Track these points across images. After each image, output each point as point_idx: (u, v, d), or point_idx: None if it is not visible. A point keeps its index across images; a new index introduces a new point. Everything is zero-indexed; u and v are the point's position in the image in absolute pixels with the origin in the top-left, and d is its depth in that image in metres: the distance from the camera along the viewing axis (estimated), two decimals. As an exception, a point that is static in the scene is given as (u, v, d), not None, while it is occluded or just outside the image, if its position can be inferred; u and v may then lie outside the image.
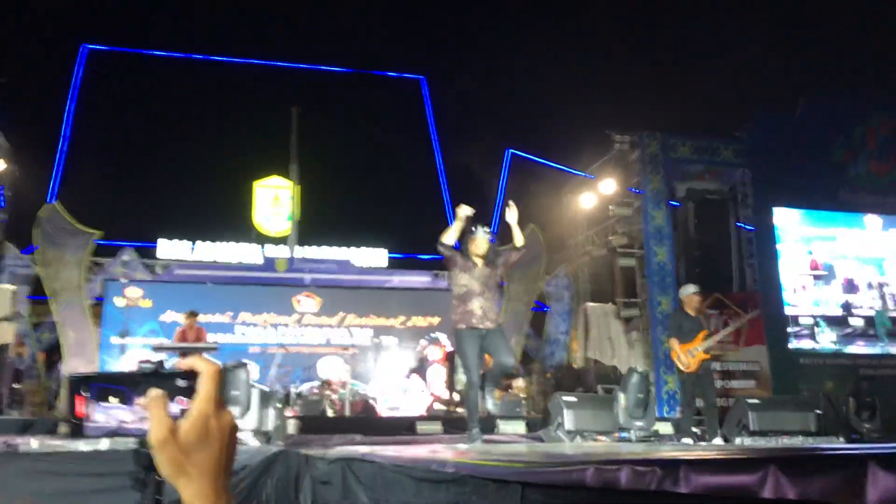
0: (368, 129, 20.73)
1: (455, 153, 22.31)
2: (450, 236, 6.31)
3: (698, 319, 8.36)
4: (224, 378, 0.94)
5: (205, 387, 0.92)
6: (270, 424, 6.08)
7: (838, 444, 6.98)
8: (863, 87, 14.34)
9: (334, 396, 11.95)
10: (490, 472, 1.65)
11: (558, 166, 19.66)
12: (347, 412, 11.73)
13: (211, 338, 13.06)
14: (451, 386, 13.57)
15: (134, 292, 13.77)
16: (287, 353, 12.74)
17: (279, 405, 6.22)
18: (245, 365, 6.02)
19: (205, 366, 0.94)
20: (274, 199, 19.02)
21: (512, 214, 6.56)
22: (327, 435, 9.48)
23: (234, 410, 5.75)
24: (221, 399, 0.93)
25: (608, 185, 14.51)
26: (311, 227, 17.84)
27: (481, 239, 6.48)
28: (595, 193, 15.05)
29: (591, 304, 14.52)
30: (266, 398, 6.09)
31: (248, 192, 19.55)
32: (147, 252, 15.78)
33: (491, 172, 21.76)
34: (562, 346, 15.22)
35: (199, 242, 16.33)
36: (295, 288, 14.58)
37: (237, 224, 18.57)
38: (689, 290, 8.56)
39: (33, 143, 17.70)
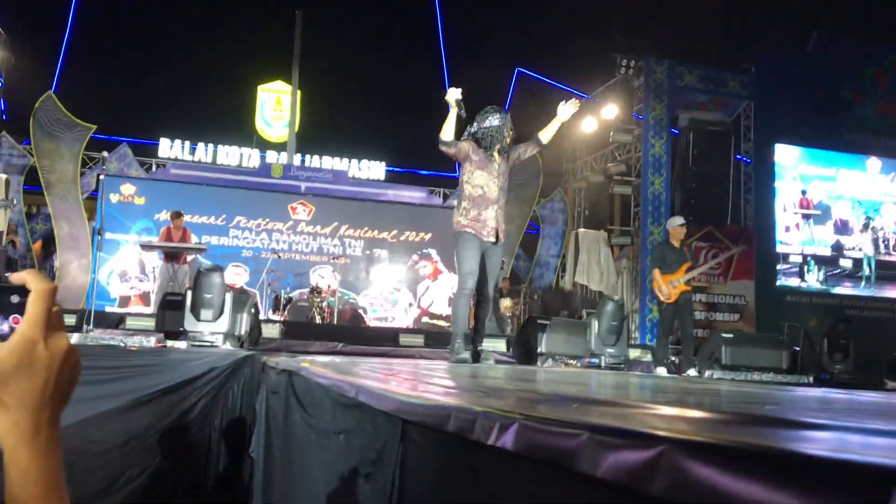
0: (375, 38, 20.30)
1: (462, 69, 21.90)
2: (447, 131, 5.50)
3: (682, 251, 8.39)
4: (53, 298, 0.85)
5: (31, 308, 0.80)
6: (243, 328, 6.17)
7: (805, 383, 7.09)
8: (877, 28, 13.93)
9: (323, 304, 12.09)
10: (380, 402, 1.68)
11: (564, 87, 19.34)
12: (335, 320, 11.91)
13: (204, 240, 13.17)
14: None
15: (128, 189, 13.77)
16: (279, 259, 12.84)
17: (254, 310, 6.29)
18: (220, 269, 6.07)
19: (36, 283, 0.82)
20: (276, 103, 18.84)
21: (569, 109, 5.80)
22: (310, 341, 9.70)
23: (207, 314, 5.84)
24: (57, 322, 0.82)
25: (611, 111, 14.33)
26: (311, 134, 17.71)
27: (503, 124, 5.59)
28: (597, 118, 14.86)
29: (584, 229, 14.52)
30: (240, 302, 6.17)
31: (251, 96, 19.35)
32: (145, 150, 15.72)
33: (497, 90, 21.43)
34: (551, 269, 15.32)
35: (199, 144, 16.24)
36: (290, 195, 14.57)
37: (238, 128, 18.46)
38: (676, 223, 8.56)
39: (35, 35, 17.43)
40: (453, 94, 5.50)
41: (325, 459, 2.40)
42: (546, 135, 5.79)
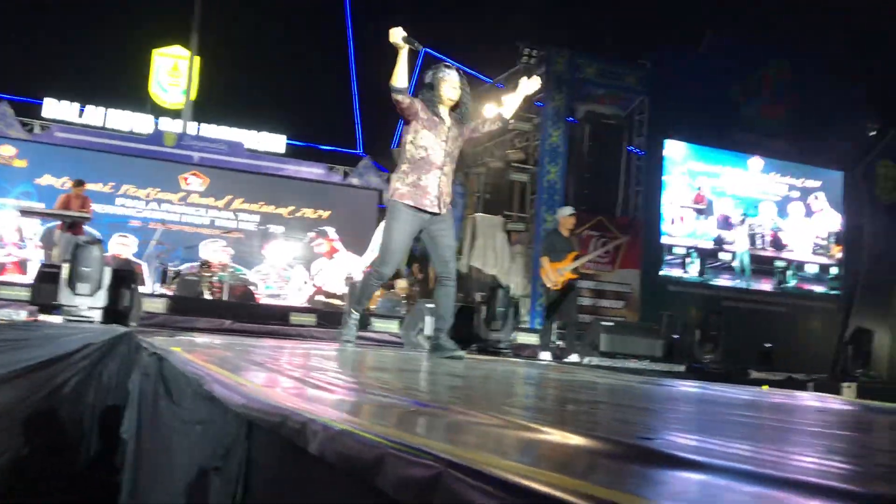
0: (280, 6, 19.82)
1: (368, 45, 21.70)
2: (401, 77, 4.75)
3: (570, 240, 8.66)
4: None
5: None
6: (123, 304, 5.99)
7: (676, 371, 7.45)
8: (765, 33, 14.63)
9: (213, 279, 11.84)
10: (227, 398, 1.68)
11: (469, 70, 19.42)
12: (226, 296, 11.69)
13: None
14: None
15: (7, 150, 13.06)
16: (168, 231, 12.50)
17: (134, 284, 6.12)
18: (99, 241, 5.87)
19: None
20: (172, 69, 18.19)
21: (530, 85, 5.16)
22: (197, 317, 9.48)
23: (84, 287, 5.65)
24: None
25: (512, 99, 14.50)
26: (208, 103, 17.20)
27: (454, 79, 4.92)
28: (498, 105, 15.01)
29: (482, 214, 14.71)
30: (121, 276, 5.99)
31: (147, 59, 18.61)
32: (28, 109, 14.93)
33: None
34: (448, 252, 15.48)
35: (89, 107, 15.54)
36: (183, 165, 14.16)
37: (132, 92, 17.72)
38: (565, 212, 8.82)
39: None
40: (398, 33, 4.77)
41: (185, 448, 2.39)
42: (508, 110, 5.15)
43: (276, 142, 16.58)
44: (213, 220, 13.80)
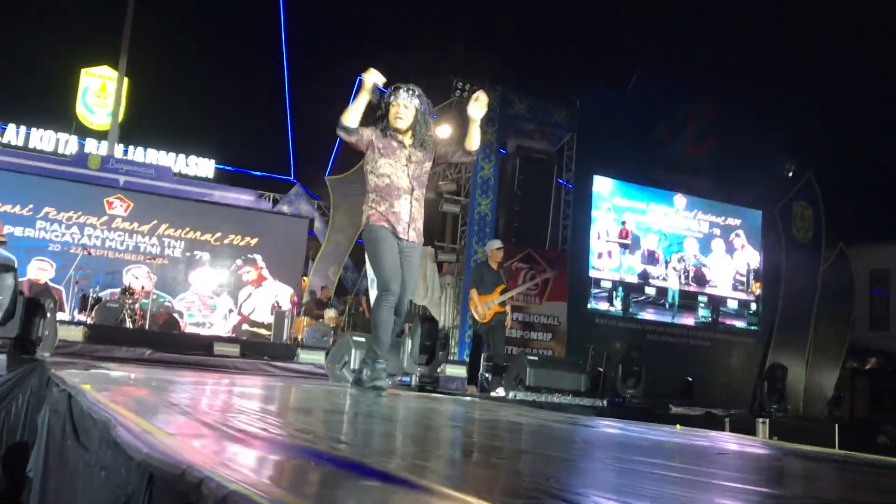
0: (214, 30, 19.68)
1: (303, 71, 21.67)
2: (352, 116, 4.53)
3: (499, 273, 8.74)
4: None
5: None
6: (38, 333, 5.78)
7: (598, 406, 7.56)
8: (690, 75, 15.17)
9: (136, 306, 11.53)
10: (129, 446, 1.64)
11: (403, 102, 19.57)
12: (148, 324, 11.38)
13: (7, 231, 12.21)
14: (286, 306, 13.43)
15: (-82, 169, 12.55)
16: (90, 256, 12.16)
17: (50, 313, 5.91)
18: (12, 268, 5.65)
19: None
20: (100, 89, 17.79)
21: (477, 108, 4.66)
22: (116, 346, 9.20)
23: (-6, 317, 5.44)
24: None
25: (444, 130, 14.62)
26: (136, 125, 16.89)
27: (405, 102, 4.63)
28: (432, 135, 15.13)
29: (412, 244, 14.71)
30: (35, 304, 5.78)
31: (74, 79, 18.17)
32: (-56, 127, 14.39)
33: (336, 96, 21.37)
34: (378, 282, 15.41)
35: (10, 125, 15.07)
36: (108, 188, 13.80)
37: (57, 112, 17.27)
38: (494, 245, 8.90)
39: None
40: (372, 77, 4.55)
41: (88, 493, 2.31)
42: (470, 142, 4.74)
43: (204, 166, 16.34)
44: (137, 246, 13.46)
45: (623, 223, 14.23)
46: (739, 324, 15.24)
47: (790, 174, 15.97)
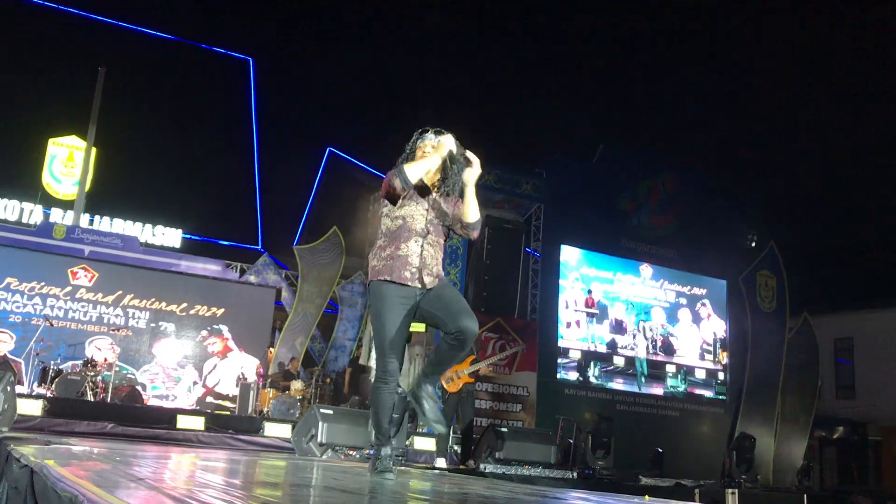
0: (183, 102, 19.80)
1: (271, 141, 21.87)
2: (418, 172, 3.92)
3: (466, 344, 8.68)
4: None
5: None
6: (-7, 409, 5.62)
7: (569, 478, 7.48)
8: (654, 148, 15.60)
9: (98, 378, 11.26)
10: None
11: (374, 171, 19.81)
12: (109, 397, 11.10)
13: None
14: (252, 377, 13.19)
15: None
16: (52, 327, 11.92)
17: (9, 387, 5.76)
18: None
19: None
20: (68, 159, 17.70)
21: (470, 172, 4.02)
22: (77, 420, 8.95)
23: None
24: None
25: (413, 201, 14.76)
26: (103, 195, 16.77)
27: (433, 143, 4.07)
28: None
29: (380, 314, 14.64)
30: (-9, 380, 5.63)
31: (41, 148, 18.09)
32: None
33: (306, 167, 21.54)
34: (347, 352, 15.26)
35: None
36: (72, 259, 13.61)
37: (22, 180, 17.13)
38: None
39: None
40: (449, 144, 4.03)
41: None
42: (467, 213, 4.03)
43: (171, 236, 16.25)
44: (101, 317, 13.22)
45: (590, 292, 14.34)
46: (708, 393, 15.28)
47: (753, 244, 16.28)
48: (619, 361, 14.39)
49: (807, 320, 16.81)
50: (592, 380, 14.06)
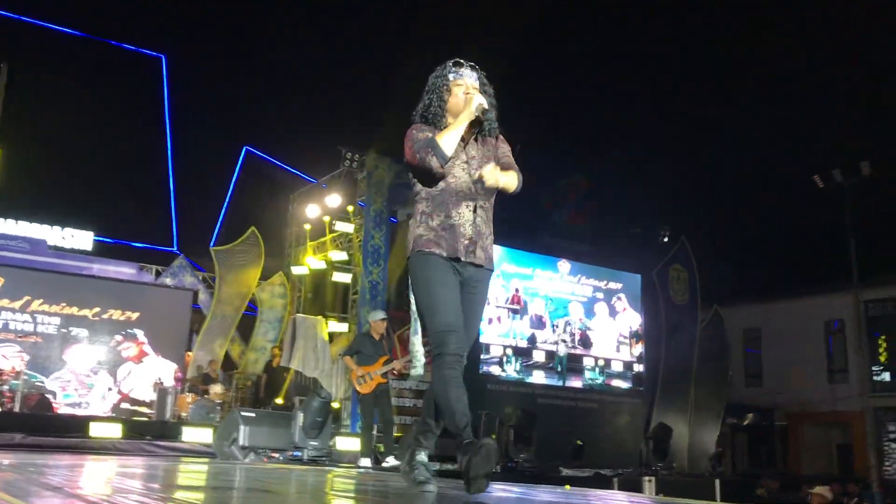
0: (93, 100, 19.14)
1: (187, 139, 21.38)
2: (453, 143, 3.32)
3: (381, 344, 8.68)
4: None
5: None
6: None
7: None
8: (569, 146, 15.96)
9: (4, 388, 10.82)
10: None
11: (292, 170, 19.61)
12: (17, 407, 10.68)
13: None
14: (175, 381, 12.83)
15: None
16: (-47, 335, 11.41)
17: None
18: None
19: None
20: (-31, 160, 16.92)
21: (494, 174, 3.32)
22: (-19, 432, 8.58)
23: None
24: None
25: (334, 200, 14.68)
26: (9, 197, 16.09)
27: (472, 83, 3.47)
28: (321, 205, 15.13)
29: (301, 315, 14.54)
30: None
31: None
32: None
33: (223, 165, 21.17)
34: (267, 354, 15.06)
35: None
36: (-25, 264, 13.02)
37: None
38: (377, 316, 8.87)
39: None
40: (478, 100, 3.37)
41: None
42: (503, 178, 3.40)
43: (82, 239, 15.73)
44: (6, 323, 12.68)
45: (516, 290, 14.54)
46: (625, 385, 15.69)
47: (665, 239, 16.82)
48: (539, 356, 14.63)
49: (717, 312, 17.45)
50: (514, 374, 14.26)
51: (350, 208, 14.46)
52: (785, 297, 22.30)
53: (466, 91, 3.40)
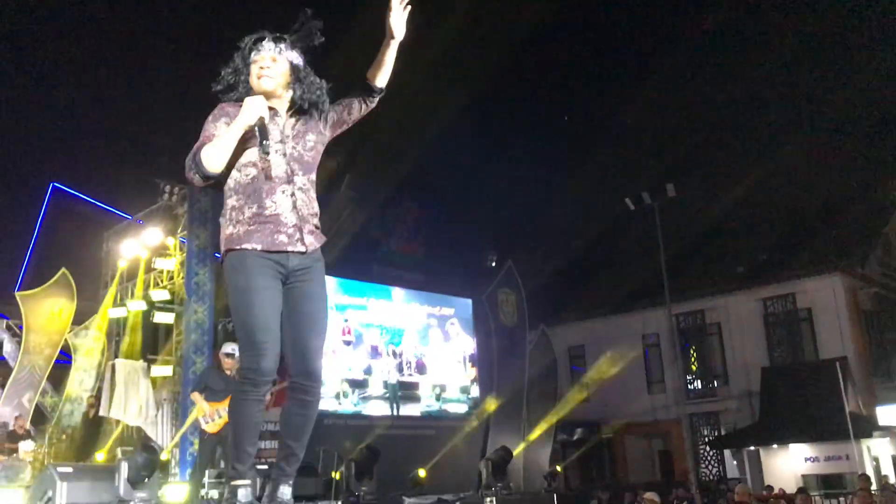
0: None
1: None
2: (222, 157, 2.88)
3: (232, 380, 8.21)
4: None
5: None
6: None
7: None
8: (397, 178, 16.18)
9: None
10: None
11: (105, 206, 18.46)
12: None
13: None
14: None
15: None
16: None
17: None
18: None
19: None
20: None
21: (399, 20, 2.97)
22: None
23: None
24: None
25: (154, 236, 13.91)
26: None
27: (272, 54, 3.01)
28: (140, 242, 14.29)
29: (121, 360, 13.61)
30: None
31: None
32: None
33: (28, 203, 19.63)
34: (84, 405, 13.96)
35: None
36: None
37: None
38: (226, 349, 8.35)
39: None
40: (256, 106, 2.91)
41: None
42: (382, 74, 3.12)
43: None
44: None
45: (346, 321, 14.38)
46: (461, 409, 15.90)
47: (493, 264, 17.34)
48: (376, 387, 14.54)
49: (544, 332, 18.12)
50: (351, 407, 14.07)
51: (171, 243, 13.77)
52: (603, 315, 23.50)
53: (262, 68, 2.98)
